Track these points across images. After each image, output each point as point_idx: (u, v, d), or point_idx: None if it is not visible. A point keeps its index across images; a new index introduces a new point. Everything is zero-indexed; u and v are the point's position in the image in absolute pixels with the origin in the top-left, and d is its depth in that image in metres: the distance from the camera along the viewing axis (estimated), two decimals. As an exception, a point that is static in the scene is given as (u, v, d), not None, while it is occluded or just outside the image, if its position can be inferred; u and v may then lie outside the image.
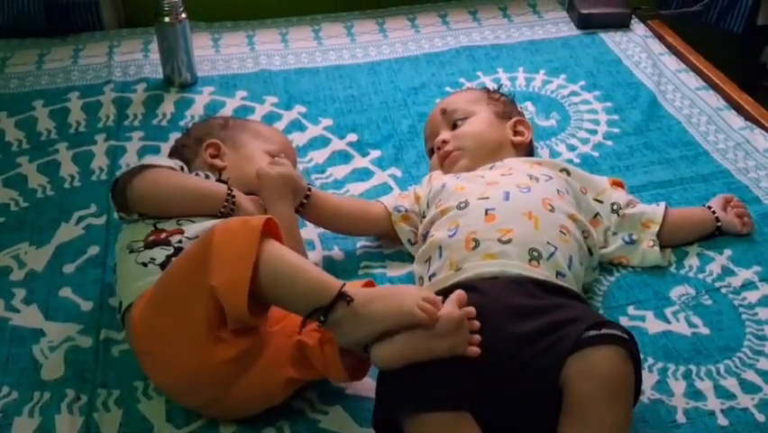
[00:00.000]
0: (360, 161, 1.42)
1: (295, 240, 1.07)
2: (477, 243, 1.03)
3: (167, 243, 1.02)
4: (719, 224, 1.20)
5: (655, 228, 1.17)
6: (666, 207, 1.19)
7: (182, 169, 1.14)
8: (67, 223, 1.27)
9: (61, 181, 1.37)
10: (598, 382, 0.85)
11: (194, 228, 1.04)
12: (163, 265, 0.99)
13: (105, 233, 1.25)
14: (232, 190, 1.09)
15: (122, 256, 1.05)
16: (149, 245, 1.02)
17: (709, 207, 1.22)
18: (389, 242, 1.22)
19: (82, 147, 1.44)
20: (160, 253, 1.01)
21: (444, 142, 1.26)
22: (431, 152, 1.31)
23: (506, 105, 1.31)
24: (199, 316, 0.88)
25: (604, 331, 0.88)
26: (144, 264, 1.00)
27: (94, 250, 1.22)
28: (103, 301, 1.13)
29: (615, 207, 1.18)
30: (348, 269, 1.18)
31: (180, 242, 1.02)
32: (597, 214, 1.17)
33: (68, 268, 1.18)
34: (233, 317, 0.87)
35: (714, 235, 1.21)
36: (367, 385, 0.97)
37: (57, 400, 0.98)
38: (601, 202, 1.18)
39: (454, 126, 1.28)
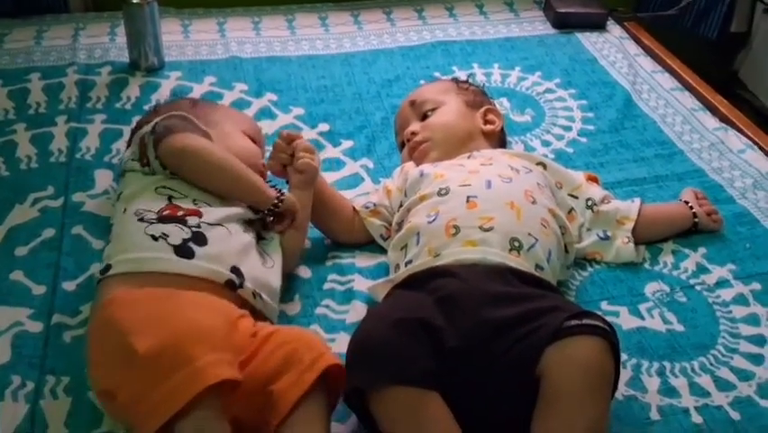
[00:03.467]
0: (331, 151, 1.38)
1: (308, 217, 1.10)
2: (457, 229, 1.00)
3: (183, 221, 0.96)
4: (697, 219, 1.18)
5: (630, 225, 1.15)
6: (641, 204, 1.17)
7: None
8: (21, 204, 1.21)
9: (17, 162, 1.30)
10: (578, 372, 0.82)
11: (212, 213, 0.99)
12: (177, 249, 0.93)
13: (61, 216, 1.19)
14: (282, 193, 1.05)
15: (125, 219, 0.99)
16: (163, 219, 0.96)
17: (686, 202, 1.21)
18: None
19: (41, 128, 1.38)
20: (175, 232, 0.95)
21: (414, 133, 1.23)
22: (401, 146, 1.28)
23: (475, 95, 1.29)
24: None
25: (585, 321, 0.85)
26: (155, 237, 0.94)
27: (49, 233, 1.16)
28: (56, 285, 1.07)
29: (589, 202, 1.16)
30: (316, 256, 1.14)
31: (198, 226, 0.96)
32: (571, 209, 1.15)
33: (21, 251, 1.13)
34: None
35: (689, 232, 1.19)
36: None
37: (0, 387, 0.92)
38: (576, 198, 1.16)
39: (424, 117, 1.25)
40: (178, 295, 0.89)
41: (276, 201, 1.04)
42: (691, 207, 1.19)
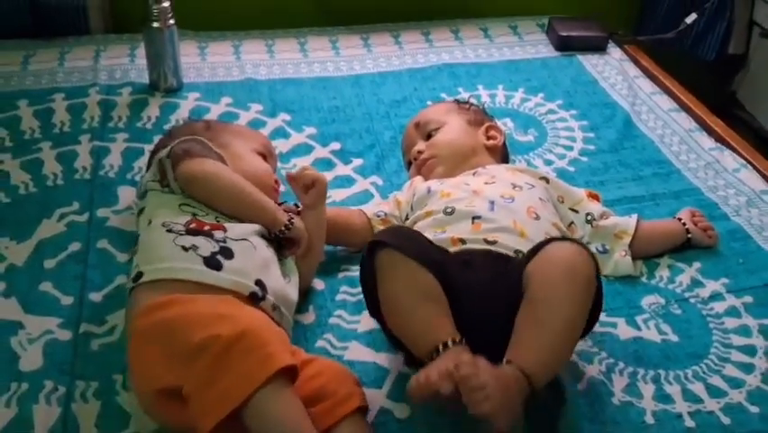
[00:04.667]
0: (342, 169, 1.45)
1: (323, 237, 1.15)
2: (463, 241, 1.07)
3: (209, 235, 1.01)
4: (690, 235, 1.24)
5: (628, 239, 1.21)
6: (638, 219, 1.23)
7: None
8: (48, 219, 1.27)
9: (44, 179, 1.37)
10: (556, 263, 0.92)
11: (236, 229, 1.04)
12: (207, 261, 0.97)
13: (86, 230, 1.25)
14: (292, 219, 1.09)
15: (152, 230, 1.04)
16: (191, 232, 1.01)
17: (679, 219, 1.26)
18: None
19: (66, 147, 1.45)
20: (204, 245, 0.99)
21: (420, 152, 1.30)
22: (408, 165, 1.35)
23: (476, 114, 1.37)
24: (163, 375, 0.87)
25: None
26: (185, 248, 0.98)
27: (75, 246, 1.22)
28: (83, 297, 1.13)
29: (589, 217, 1.22)
30: (329, 269, 1.19)
31: (224, 241, 1.01)
32: (572, 223, 1.21)
33: (49, 263, 1.19)
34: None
35: (684, 247, 1.25)
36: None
37: (34, 391, 0.98)
38: (576, 212, 1.22)
39: (428, 137, 1.32)
40: (233, 300, 0.95)
41: (285, 226, 1.09)
42: (684, 224, 1.25)
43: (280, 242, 1.10)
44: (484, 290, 0.97)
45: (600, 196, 1.30)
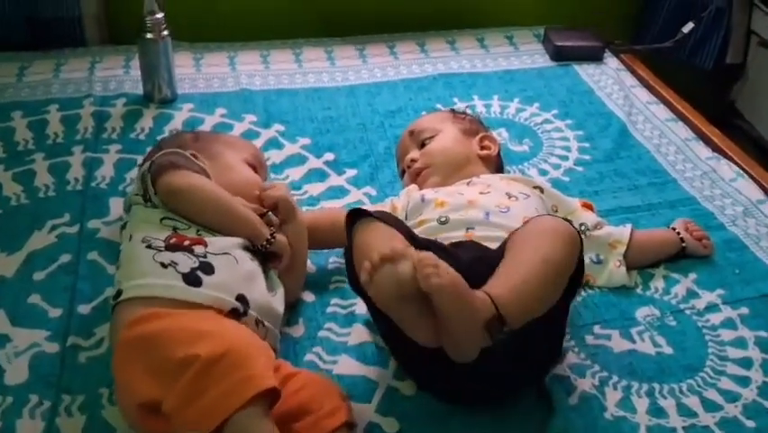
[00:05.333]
0: (335, 180, 1.44)
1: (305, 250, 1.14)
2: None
3: (190, 250, 1.00)
4: (684, 244, 1.23)
5: (622, 249, 1.19)
6: (632, 229, 1.22)
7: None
8: (39, 231, 1.26)
9: (36, 190, 1.36)
10: (538, 226, 0.95)
11: (217, 243, 1.03)
12: (186, 277, 0.96)
13: (77, 241, 1.24)
14: (274, 234, 1.08)
15: (133, 246, 1.03)
16: (170, 248, 1.01)
17: (674, 229, 1.25)
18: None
19: (59, 158, 1.45)
20: (183, 261, 0.98)
21: (413, 160, 1.30)
22: (402, 174, 1.34)
23: (471, 123, 1.36)
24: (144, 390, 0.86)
25: None
26: (164, 265, 0.98)
27: (65, 258, 1.21)
28: (72, 309, 1.12)
29: (583, 227, 1.21)
30: (320, 281, 1.18)
31: (205, 256, 1.00)
32: None
33: (39, 275, 1.18)
34: None
35: (679, 256, 1.23)
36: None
37: (19, 405, 0.97)
38: (570, 222, 1.21)
39: (422, 145, 1.31)
40: (215, 315, 0.94)
41: (267, 240, 1.07)
42: (679, 234, 1.24)
43: (265, 255, 1.09)
44: (467, 267, 0.92)
45: (594, 206, 1.29)
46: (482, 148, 1.31)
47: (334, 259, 1.23)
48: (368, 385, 1.01)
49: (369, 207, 1.34)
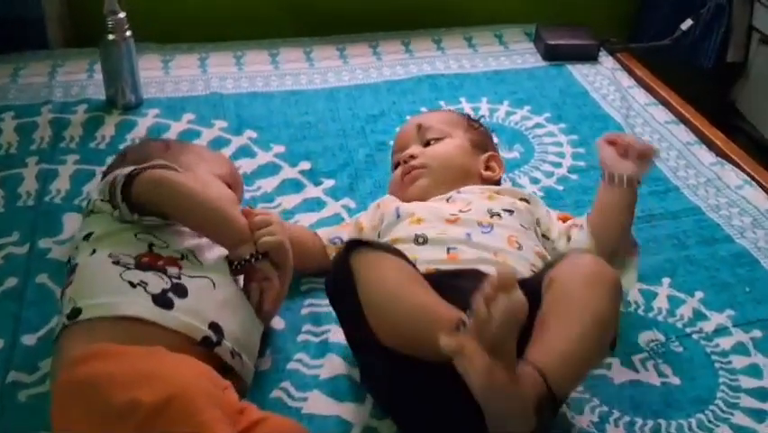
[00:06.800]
0: (312, 191, 1.33)
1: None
2: (438, 270, 0.95)
3: (163, 270, 0.91)
4: (616, 178, 1.05)
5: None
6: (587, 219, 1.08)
7: None
8: (-17, 251, 1.16)
9: (-17, 206, 1.26)
10: (580, 266, 0.85)
11: (193, 271, 0.93)
12: (156, 299, 0.87)
13: (26, 263, 1.14)
14: (258, 256, 0.96)
15: (95, 261, 0.92)
16: (141, 266, 0.91)
17: (603, 175, 1.08)
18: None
19: (10, 170, 1.34)
20: (154, 281, 0.89)
21: (413, 156, 1.19)
22: (396, 166, 1.23)
23: (483, 136, 1.25)
24: None
25: None
26: (132, 284, 0.88)
27: (11, 282, 1.10)
28: (15, 339, 1.01)
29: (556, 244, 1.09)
30: (291, 308, 1.07)
31: (179, 277, 0.91)
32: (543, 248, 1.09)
33: (-21, 301, 1.07)
34: None
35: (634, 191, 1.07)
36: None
37: (-53, 454, 0.87)
38: (548, 239, 1.10)
39: (427, 144, 1.21)
40: (165, 353, 0.83)
41: (252, 254, 0.96)
42: (610, 175, 1.05)
43: (246, 273, 0.98)
44: None
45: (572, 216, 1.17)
46: (487, 168, 1.20)
47: (306, 280, 1.12)
48: (341, 426, 0.90)
49: (347, 221, 1.24)
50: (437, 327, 0.75)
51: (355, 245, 0.89)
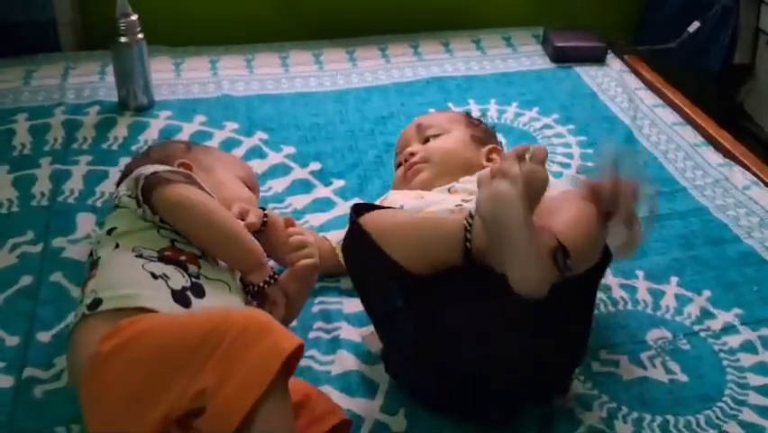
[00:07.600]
0: (322, 191, 1.35)
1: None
2: None
3: (184, 267, 0.92)
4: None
5: None
6: None
7: None
8: (-1, 250, 1.17)
9: (-2, 206, 1.27)
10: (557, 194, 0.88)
11: (211, 272, 0.95)
12: (175, 295, 0.88)
13: (40, 262, 1.15)
14: (270, 282, 0.97)
15: (118, 254, 0.93)
16: (163, 259, 0.92)
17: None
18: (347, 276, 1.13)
19: (24, 171, 1.35)
20: (176, 277, 0.90)
21: (412, 153, 1.20)
22: (398, 166, 1.25)
23: (484, 132, 1.26)
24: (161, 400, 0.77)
25: None
26: (154, 276, 0.89)
27: (26, 280, 1.12)
28: (30, 337, 1.03)
29: None
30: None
31: (198, 277, 0.92)
32: None
33: (-4, 300, 1.09)
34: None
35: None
36: None
37: (-37, 449, 0.88)
38: None
39: (426, 141, 1.22)
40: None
41: (265, 281, 0.97)
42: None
43: (254, 296, 0.98)
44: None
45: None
46: (488, 160, 1.21)
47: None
48: (353, 420, 0.91)
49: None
50: (450, 228, 0.83)
51: (361, 210, 0.90)
